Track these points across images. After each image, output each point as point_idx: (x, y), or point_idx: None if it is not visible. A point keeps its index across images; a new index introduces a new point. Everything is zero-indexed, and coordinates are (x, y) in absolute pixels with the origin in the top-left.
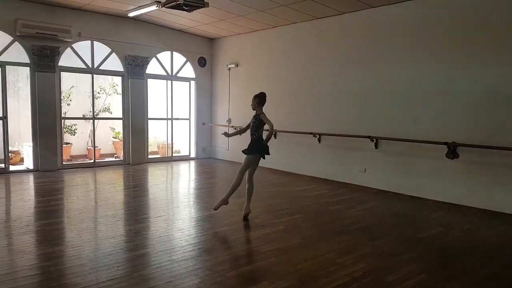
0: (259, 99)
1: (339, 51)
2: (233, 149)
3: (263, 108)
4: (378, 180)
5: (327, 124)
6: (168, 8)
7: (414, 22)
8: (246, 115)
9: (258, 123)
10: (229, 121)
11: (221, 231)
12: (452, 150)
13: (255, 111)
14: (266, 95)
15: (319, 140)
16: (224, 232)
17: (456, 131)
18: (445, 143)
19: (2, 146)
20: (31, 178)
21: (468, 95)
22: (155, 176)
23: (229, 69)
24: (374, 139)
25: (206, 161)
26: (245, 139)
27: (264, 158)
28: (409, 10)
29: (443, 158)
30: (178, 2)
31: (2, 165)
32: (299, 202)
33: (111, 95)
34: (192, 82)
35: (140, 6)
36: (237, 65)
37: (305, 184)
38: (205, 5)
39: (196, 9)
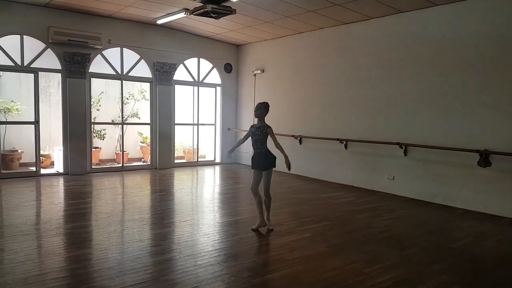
0: (267, 109)
1: (367, 56)
2: None
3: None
4: (407, 188)
5: (354, 130)
6: (196, 15)
7: (444, 28)
8: (270, 121)
9: (264, 136)
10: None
11: (247, 237)
12: (484, 158)
13: (257, 120)
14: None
15: (345, 147)
16: (250, 238)
17: (489, 138)
18: (477, 151)
19: (34, 150)
20: (61, 181)
21: (501, 102)
22: (181, 181)
23: (255, 74)
24: (404, 146)
25: (231, 166)
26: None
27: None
28: (439, 16)
29: (475, 166)
30: (206, 10)
31: (34, 168)
32: (326, 210)
33: (139, 101)
34: (218, 88)
35: (168, 14)
36: (262, 71)
37: (331, 191)
38: (233, 12)
39: (224, 16)
